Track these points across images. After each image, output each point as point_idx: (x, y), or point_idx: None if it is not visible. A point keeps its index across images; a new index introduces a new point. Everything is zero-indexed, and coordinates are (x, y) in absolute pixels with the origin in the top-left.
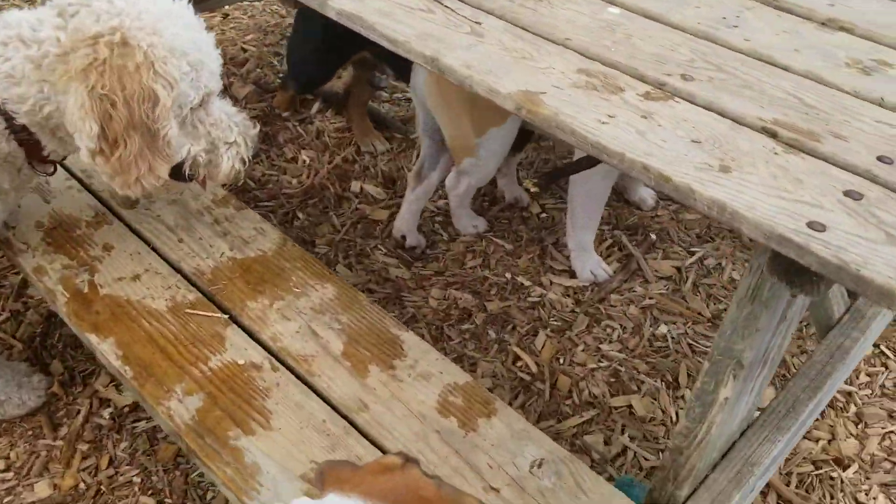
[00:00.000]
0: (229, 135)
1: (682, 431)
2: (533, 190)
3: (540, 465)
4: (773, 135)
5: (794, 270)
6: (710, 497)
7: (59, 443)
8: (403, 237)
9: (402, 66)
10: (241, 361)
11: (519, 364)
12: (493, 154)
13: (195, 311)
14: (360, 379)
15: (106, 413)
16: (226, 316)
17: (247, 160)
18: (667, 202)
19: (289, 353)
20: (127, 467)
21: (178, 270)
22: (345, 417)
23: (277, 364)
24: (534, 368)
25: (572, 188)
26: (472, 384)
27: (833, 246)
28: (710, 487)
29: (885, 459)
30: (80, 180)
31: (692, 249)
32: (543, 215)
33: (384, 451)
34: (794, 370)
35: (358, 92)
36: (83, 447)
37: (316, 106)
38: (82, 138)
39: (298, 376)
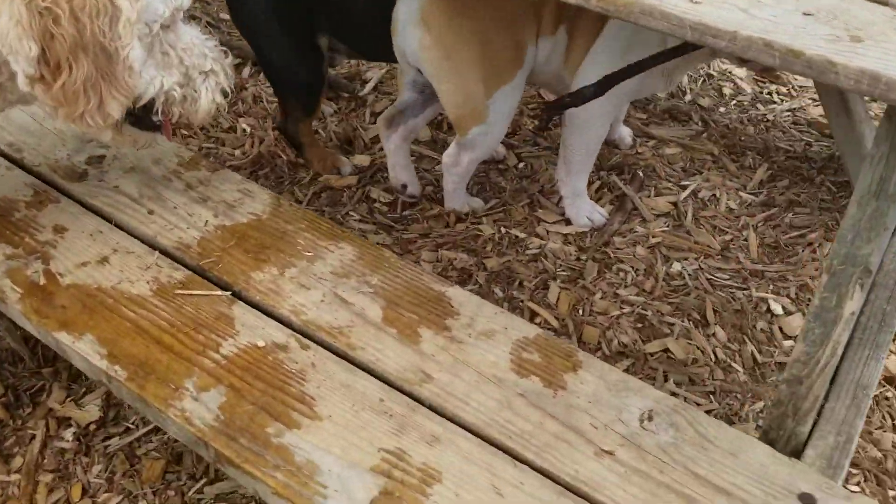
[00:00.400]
0: (205, 62)
1: (801, 358)
2: (531, 127)
3: (651, 418)
4: (883, 3)
5: None
6: (835, 429)
7: (15, 477)
8: (404, 186)
9: (360, 37)
10: (260, 343)
11: (537, 321)
12: (503, 116)
13: (188, 292)
14: (413, 346)
15: (68, 434)
16: (227, 293)
17: (228, 91)
18: (644, 139)
19: (319, 326)
20: (106, 494)
21: (156, 247)
22: (406, 394)
23: (307, 341)
24: (555, 323)
25: (569, 133)
26: (544, 336)
27: None
28: (831, 419)
29: None
30: (6, 156)
31: (683, 183)
32: (521, 165)
33: (464, 427)
34: None
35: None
36: (46, 478)
37: (248, 70)
38: (19, 61)
39: (336, 352)
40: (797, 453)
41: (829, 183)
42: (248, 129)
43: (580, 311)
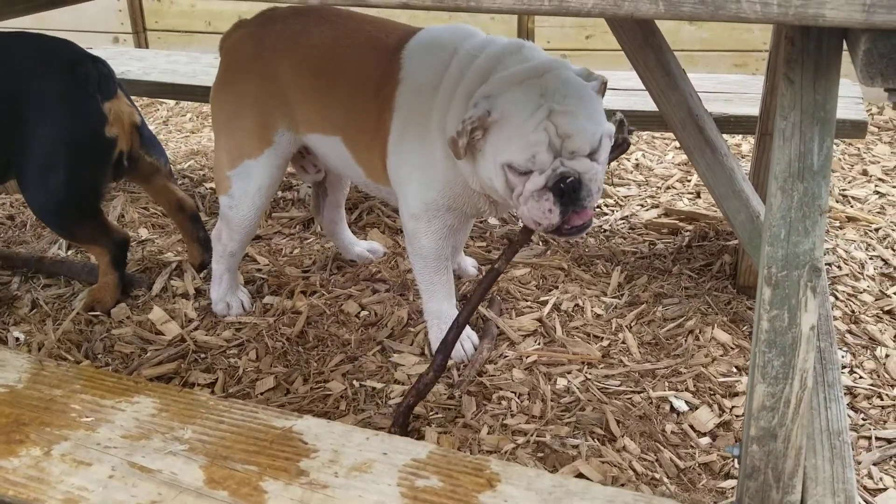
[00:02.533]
0: None
1: (766, 403)
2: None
3: None
4: None
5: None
6: (828, 490)
7: None
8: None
9: None
10: None
11: None
12: (247, 194)
13: None
14: None
15: None
16: None
17: None
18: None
19: None
20: None
21: None
22: None
23: None
24: None
25: (409, 252)
26: (441, 453)
27: None
28: (818, 479)
29: None
30: None
31: (542, 299)
32: (364, 313)
33: None
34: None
35: None
36: None
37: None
38: None
39: None
40: None
41: (687, 271)
42: (23, 337)
43: (469, 454)
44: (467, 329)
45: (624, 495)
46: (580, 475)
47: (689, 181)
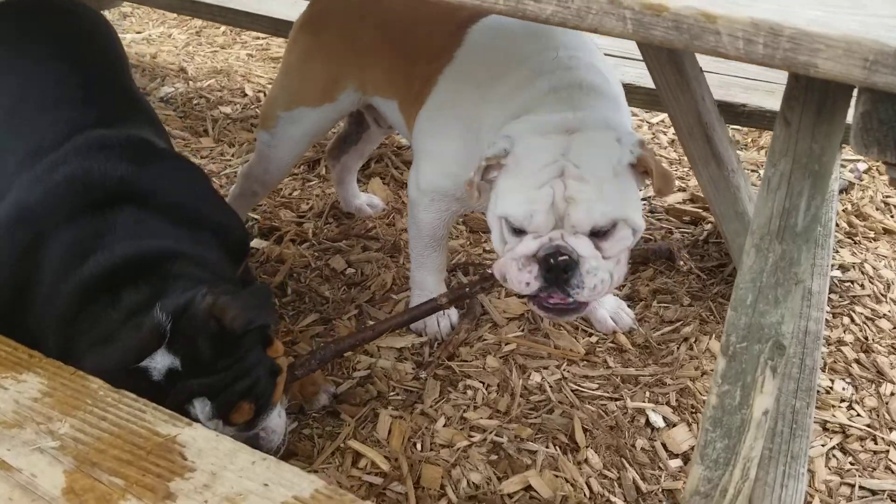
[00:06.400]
0: None
1: (701, 489)
2: None
3: None
4: None
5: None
6: None
7: None
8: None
9: None
10: None
11: (362, 464)
12: (289, 140)
13: None
14: None
15: None
16: None
17: None
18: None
19: None
20: None
21: None
22: None
23: None
24: (384, 465)
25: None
26: (327, 493)
27: None
28: None
29: None
30: None
31: None
32: (350, 271)
33: None
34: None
35: None
36: None
37: None
38: None
39: None
40: None
41: (698, 270)
42: None
43: (417, 446)
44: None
45: None
46: (528, 487)
47: None
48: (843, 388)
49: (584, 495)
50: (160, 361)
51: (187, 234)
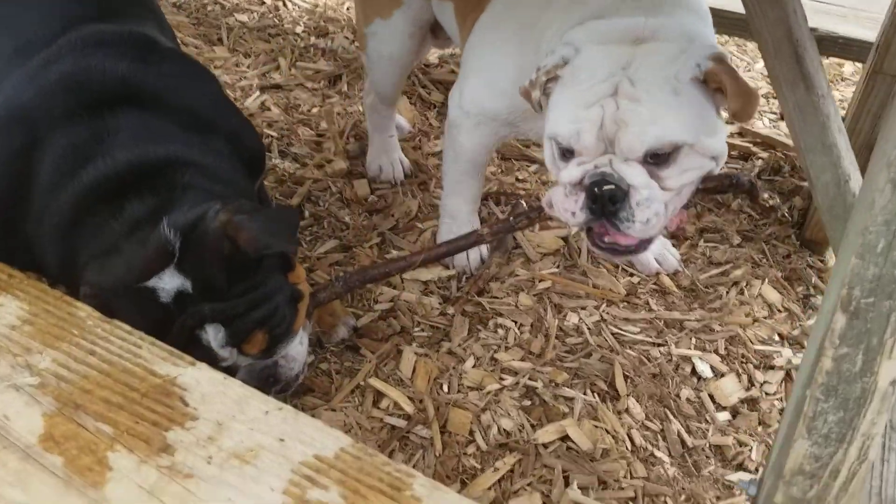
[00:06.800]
0: None
1: (806, 468)
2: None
3: None
4: None
5: None
6: None
7: None
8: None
9: None
10: None
11: (384, 405)
12: (379, 56)
13: None
14: (88, 494)
15: None
16: None
17: None
18: (525, 163)
19: None
20: None
21: None
22: None
23: None
24: (408, 407)
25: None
26: (355, 452)
27: None
28: None
29: None
30: None
31: None
32: (373, 198)
33: None
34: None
35: None
36: None
37: None
38: None
39: None
40: None
41: (749, 209)
42: None
43: (444, 388)
44: None
45: None
46: (565, 437)
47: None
48: None
49: (626, 448)
50: (169, 282)
51: (197, 141)
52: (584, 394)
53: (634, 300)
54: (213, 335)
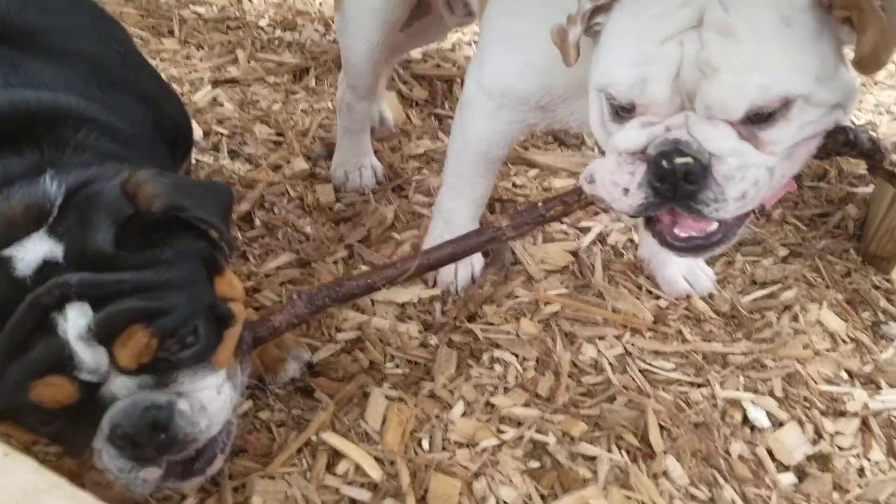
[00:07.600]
0: None
1: None
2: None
3: None
4: None
5: None
6: None
7: None
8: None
9: None
10: None
11: (341, 469)
12: (358, 17)
13: None
14: None
15: None
16: None
17: None
18: (524, 167)
19: None
20: None
21: None
22: None
23: None
24: (374, 472)
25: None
26: None
27: None
28: None
29: None
30: None
31: (583, 225)
32: (339, 206)
33: None
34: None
35: None
36: None
37: None
38: None
39: None
40: None
41: (794, 219)
42: None
43: (424, 444)
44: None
45: None
46: None
47: None
48: None
49: None
50: (32, 248)
51: (99, 95)
52: (610, 451)
53: (664, 328)
54: (73, 321)
